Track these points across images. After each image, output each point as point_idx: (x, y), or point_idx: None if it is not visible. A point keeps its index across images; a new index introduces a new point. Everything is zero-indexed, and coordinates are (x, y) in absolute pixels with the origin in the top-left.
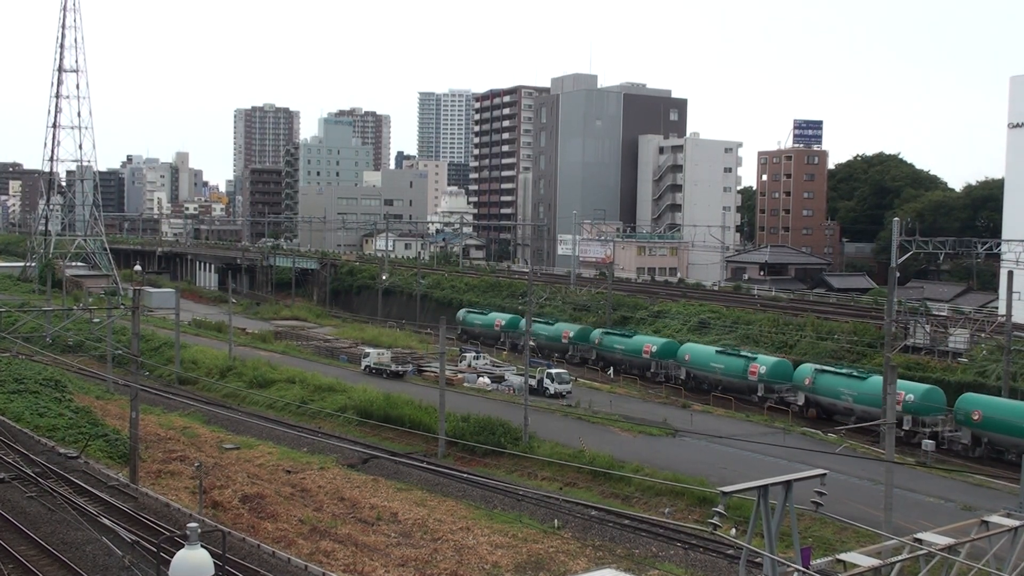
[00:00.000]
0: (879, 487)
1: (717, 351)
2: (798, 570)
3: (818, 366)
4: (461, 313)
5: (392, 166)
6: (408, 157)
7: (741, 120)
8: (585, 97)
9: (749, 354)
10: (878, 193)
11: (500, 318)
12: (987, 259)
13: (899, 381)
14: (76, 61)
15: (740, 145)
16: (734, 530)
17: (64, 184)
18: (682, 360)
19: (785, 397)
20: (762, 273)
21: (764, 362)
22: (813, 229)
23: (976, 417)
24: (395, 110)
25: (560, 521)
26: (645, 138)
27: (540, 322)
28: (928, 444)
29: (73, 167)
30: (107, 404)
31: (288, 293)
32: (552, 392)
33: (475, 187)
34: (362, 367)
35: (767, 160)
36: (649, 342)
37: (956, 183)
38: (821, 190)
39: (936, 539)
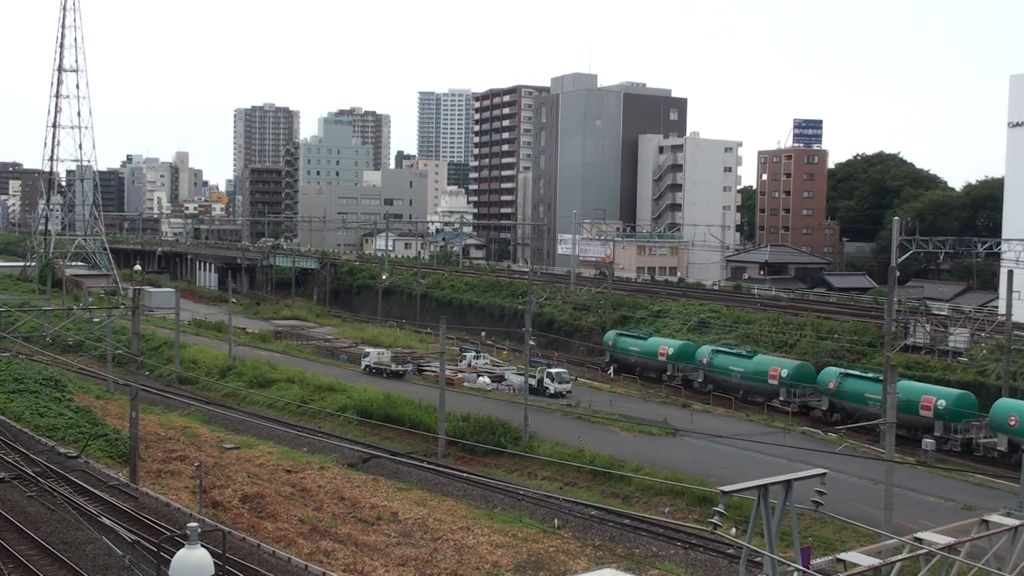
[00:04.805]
0: (879, 486)
1: None
2: (798, 569)
3: None
4: (610, 335)
5: (392, 166)
6: (408, 157)
7: (741, 119)
8: (585, 97)
9: None
10: (878, 192)
11: (666, 345)
12: (987, 258)
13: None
14: (76, 61)
15: (740, 144)
16: (734, 529)
17: (64, 184)
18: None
19: None
20: (762, 272)
21: None
22: (813, 228)
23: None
24: (395, 110)
25: (560, 521)
26: (645, 137)
27: (727, 353)
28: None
29: (73, 167)
30: (107, 404)
31: (288, 293)
32: (552, 392)
33: (475, 187)
34: (362, 367)
35: (767, 159)
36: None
37: (956, 182)
38: (821, 189)
39: (936, 538)
